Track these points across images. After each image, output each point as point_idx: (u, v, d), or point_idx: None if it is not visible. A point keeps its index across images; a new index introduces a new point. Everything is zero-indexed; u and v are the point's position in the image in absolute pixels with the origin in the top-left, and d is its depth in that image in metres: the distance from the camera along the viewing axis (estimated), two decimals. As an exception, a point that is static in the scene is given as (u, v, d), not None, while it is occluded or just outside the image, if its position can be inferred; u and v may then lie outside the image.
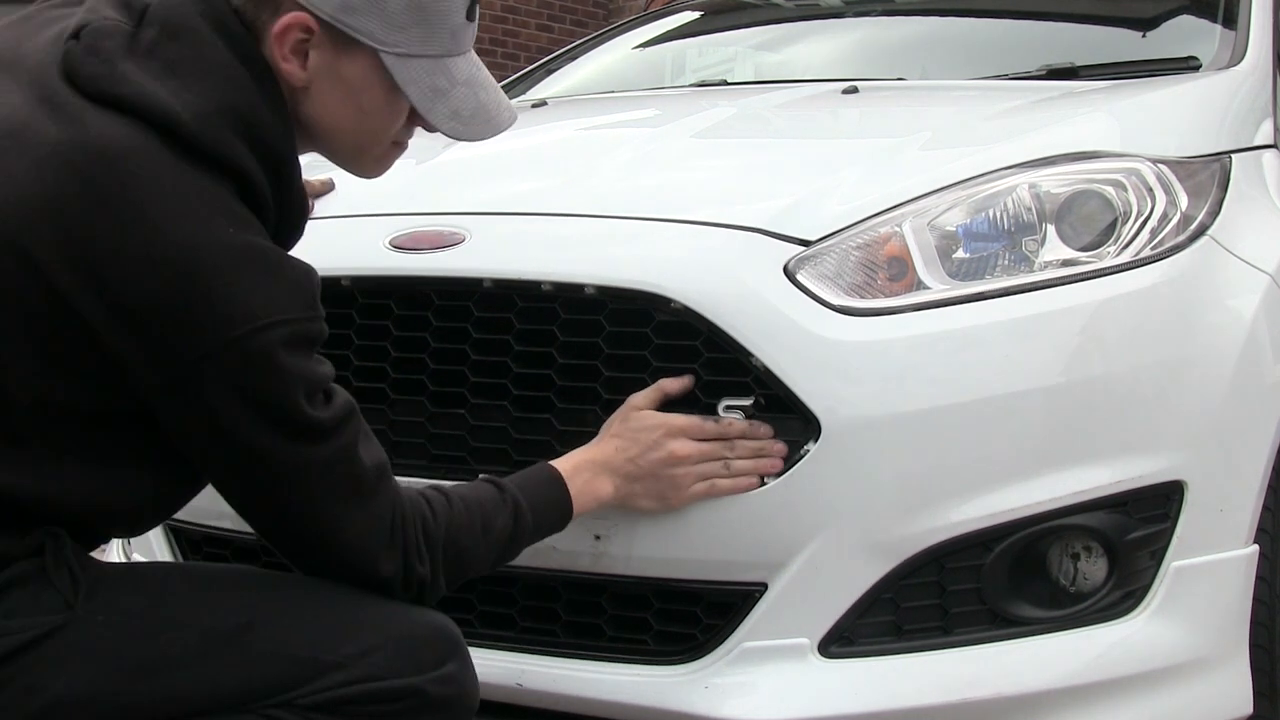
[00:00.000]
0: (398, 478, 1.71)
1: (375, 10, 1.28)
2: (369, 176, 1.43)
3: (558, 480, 1.52)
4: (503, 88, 3.32)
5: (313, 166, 2.22)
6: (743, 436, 1.55)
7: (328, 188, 1.97)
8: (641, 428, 1.56)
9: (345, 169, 1.42)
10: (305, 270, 1.26)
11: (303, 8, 1.26)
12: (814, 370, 1.55)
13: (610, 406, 1.60)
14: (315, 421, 1.24)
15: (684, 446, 1.55)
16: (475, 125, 1.38)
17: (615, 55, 3.34)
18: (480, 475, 1.52)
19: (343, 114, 1.33)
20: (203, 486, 1.34)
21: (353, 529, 1.29)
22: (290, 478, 1.25)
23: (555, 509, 1.51)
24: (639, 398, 1.57)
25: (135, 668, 1.21)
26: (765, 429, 1.56)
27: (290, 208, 1.31)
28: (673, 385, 1.57)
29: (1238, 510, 1.68)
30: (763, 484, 1.55)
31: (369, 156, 1.40)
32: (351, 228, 1.88)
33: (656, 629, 1.64)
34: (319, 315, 1.26)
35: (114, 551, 2.16)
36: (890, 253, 1.65)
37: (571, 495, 1.52)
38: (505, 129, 1.42)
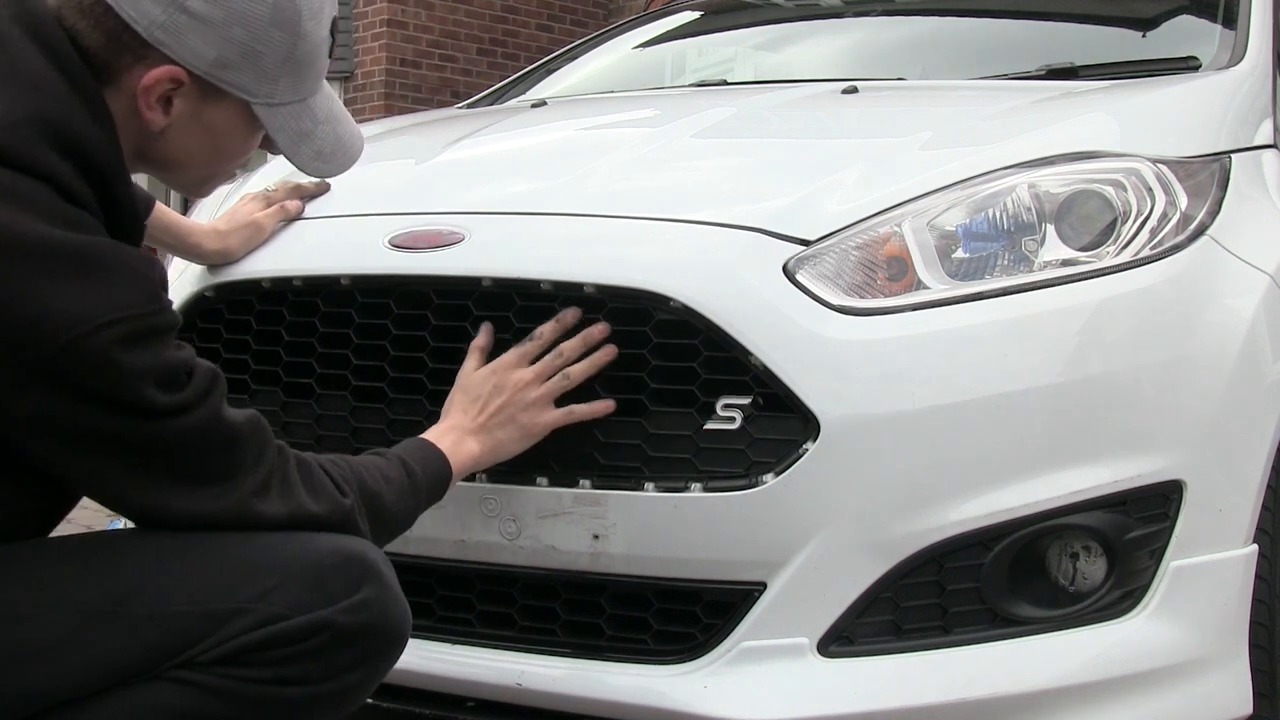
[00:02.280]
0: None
1: (251, 66, 1.28)
2: (196, 196, 1.46)
3: (430, 444, 1.54)
4: (502, 88, 3.34)
5: (294, 178, 2.22)
6: (562, 339, 1.59)
7: (322, 189, 1.97)
8: (473, 384, 1.61)
9: (174, 189, 1.42)
10: (146, 262, 1.23)
11: (174, 62, 1.25)
12: (813, 370, 1.55)
13: (609, 406, 1.61)
14: (174, 404, 1.21)
15: (520, 374, 1.59)
16: (335, 162, 1.43)
17: (615, 55, 3.34)
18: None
19: (198, 154, 1.34)
20: (79, 498, 1.31)
21: (249, 480, 1.26)
22: (159, 451, 1.22)
23: (436, 466, 1.52)
24: (462, 371, 1.62)
25: (13, 656, 1.18)
26: (600, 329, 1.59)
27: (120, 220, 1.26)
28: (482, 340, 1.64)
29: (1237, 510, 1.68)
30: (758, 485, 1.55)
31: (208, 185, 1.41)
32: (350, 227, 1.88)
33: (656, 629, 1.64)
34: (163, 307, 1.23)
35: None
36: (890, 252, 1.65)
37: (447, 456, 1.54)
38: (357, 160, 1.46)
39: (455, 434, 1.57)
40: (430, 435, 1.57)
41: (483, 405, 1.59)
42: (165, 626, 1.21)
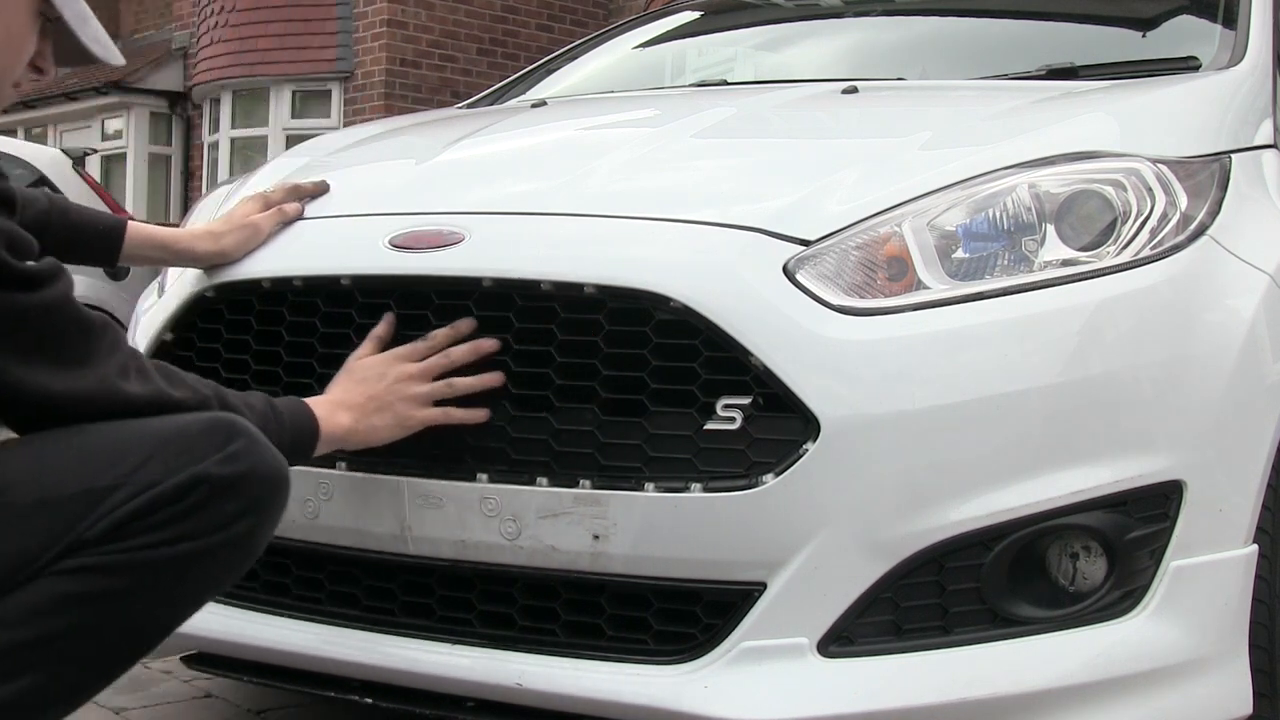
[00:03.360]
0: (397, 476, 1.72)
1: None
2: None
3: (304, 403, 1.60)
4: (502, 88, 3.34)
5: (304, 170, 2.23)
6: (454, 343, 1.66)
7: (321, 190, 1.97)
8: (360, 368, 1.67)
9: None
10: None
11: None
12: (813, 370, 1.55)
13: (609, 406, 1.60)
14: (29, 272, 1.27)
15: (406, 367, 1.65)
16: (110, 49, 1.46)
17: (615, 55, 3.34)
18: None
19: None
20: None
21: (110, 362, 1.33)
22: (25, 325, 1.27)
23: (305, 420, 1.58)
24: (353, 355, 1.69)
25: None
26: (490, 344, 1.65)
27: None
28: (381, 329, 1.71)
29: (1237, 510, 1.68)
30: (758, 485, 1.55)
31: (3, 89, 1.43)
32: (351, 227, 1.88)
33: (656, 629, 1.64)
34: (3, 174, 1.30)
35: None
36: (890, 252, 1.65)
37: (318, 418, 1.59)
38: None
39: (332, 406, 1.63)
40: (310, 400, 1.62)
41: (365, 388, 1.65)
42: (50, 510, 1.25)
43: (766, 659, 1.58)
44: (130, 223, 1.89)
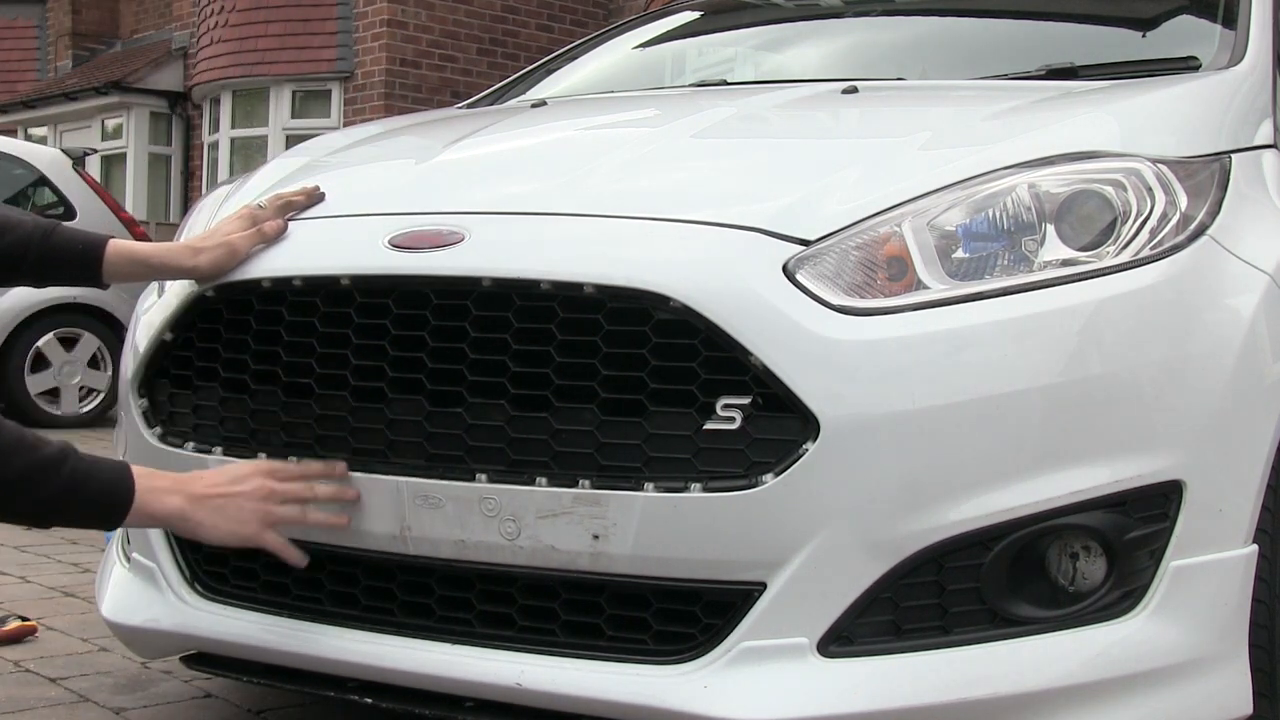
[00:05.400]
0: (397, 476, 1.72)
1: None
2: None
3: (128, 470, 1.62)
4: (502, 88, 3.34)
5: (304, 170, 2.23)
6: (322, 477, 1.69)
7: (314, 199, 1.96)
8: (235, 468, 1.71)
9: None
10: None
11: None
12: (813, 369, 1.55)
13: (609, 406, 1.60)
14: None
15: (271, 484, 1.70)
16: None
17: (615, 55, 3.34)
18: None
19: None
20: None
21: None
22: None
23: (111, 489, 1.59)
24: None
25: None
26: (341, 466, 1.70)
27: None
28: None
29: (1237, 510, 1.68)
30: (758, 485, 1.55)
31: None
32: (350, 227, 1.88)
33: (656, 629, 1.64)
34: None
35: (113, 549, 2.16)
36: (890, 252, 1.65)
37: (136, 492, 1.61)
38: None
39: (171, 486, 1.66)
40: (144, 470, 1.65)
41: (225, 482, 1.69)
42: None
43: (766, 659, 1.58)
44: (111, 241, 1.89)
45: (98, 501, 1.59)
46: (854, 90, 2.32)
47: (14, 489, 1.51)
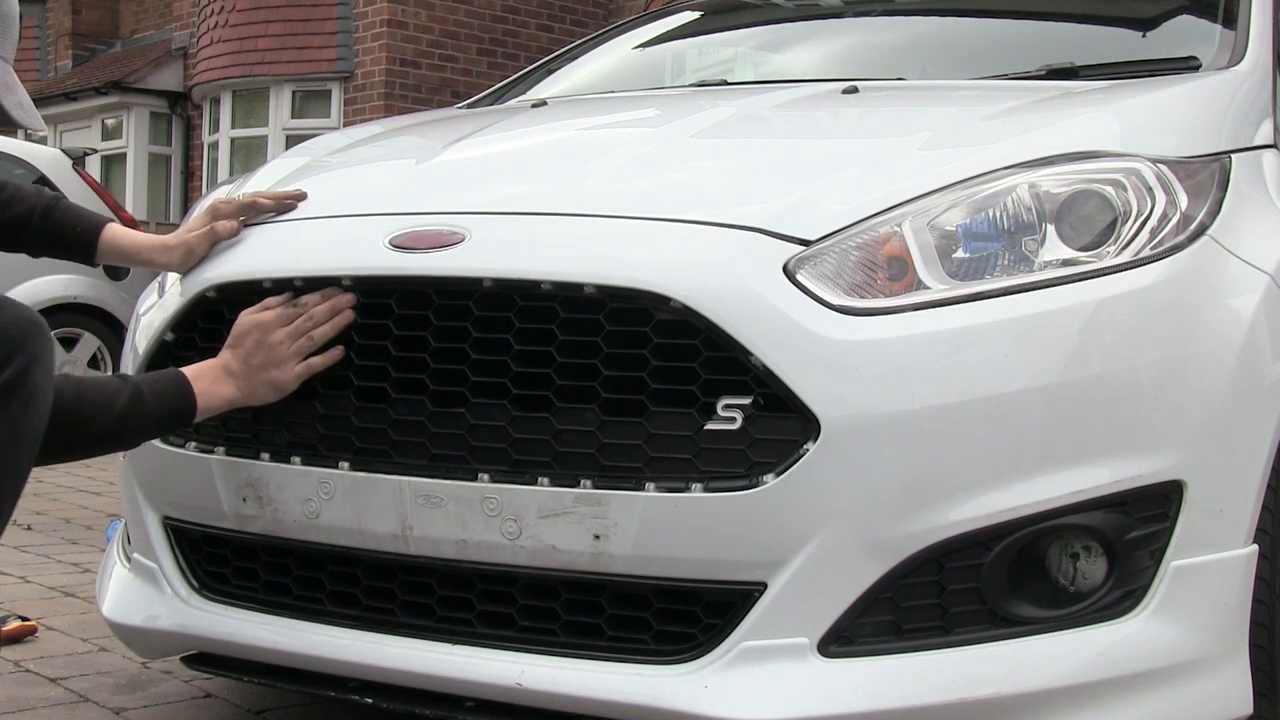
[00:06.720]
0: (399, 476, 1.72)
1: None
2: None
3: (182, 379, 1.76)
4: (502, 88, 3.34)
5: (304, 170, 2.23)
6: (317, 305, 1.78)
7: (286, 206, 1.97)
8: (241, 333, 1.79)
9: None
10: None
11: None
12: (813, 370, 1.55)
13: (610, 406, 1.60)
14: None
15: (277, 333, 1.78)
16: (33, 115, 1.69)
17: (615, 55, 3.34)
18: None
19: None
20: None
21: None
22: None
23: (178, 400, 1.75)
24: (245, 313, 1.81)
25: None
26: (347, 298, 1.75)
27: None
28: (275, 302, 1.81)
29: (1237, 510, 1.68)
30: (759, 485, 1.55)
31: None
32: (351, 227, 1.88)
33: (656, 629, 1.64)
34: None
35: (114, 549, 2.16)
36: (890, 252, 1.65)
37: (196, 394, 1.76)
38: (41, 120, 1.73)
39: (216, 375, 1.79)
40: (195, 369, 1.78)
41: (248, 352, 1.78)
42: None
43: (767, 659, 1.58)
44: (109, 226, 2.01)
45: (169, 422, 1.76)
46: (854, 90, 2.32)
47: (107, 437, 1.71)
